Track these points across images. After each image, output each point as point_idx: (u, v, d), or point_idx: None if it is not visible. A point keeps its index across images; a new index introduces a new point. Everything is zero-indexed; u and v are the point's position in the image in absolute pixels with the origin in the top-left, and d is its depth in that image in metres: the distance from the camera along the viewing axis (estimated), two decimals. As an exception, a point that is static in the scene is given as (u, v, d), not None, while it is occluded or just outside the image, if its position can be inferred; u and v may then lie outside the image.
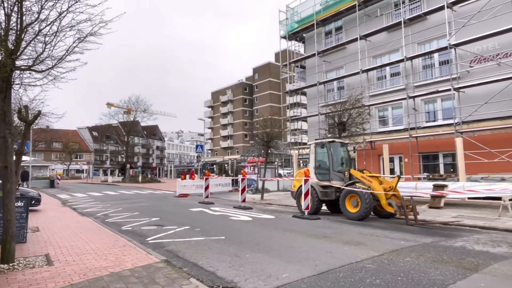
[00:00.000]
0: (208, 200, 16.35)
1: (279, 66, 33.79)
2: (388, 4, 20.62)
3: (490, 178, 13.29)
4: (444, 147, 17.21)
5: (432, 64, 18.77)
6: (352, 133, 17.35)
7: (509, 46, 15.15)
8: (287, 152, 30.78)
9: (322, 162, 12.18)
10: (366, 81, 20.71)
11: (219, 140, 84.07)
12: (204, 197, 16.54)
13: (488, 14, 15.34)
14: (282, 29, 26.44)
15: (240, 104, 79.72)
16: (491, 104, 15.01)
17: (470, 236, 7.81)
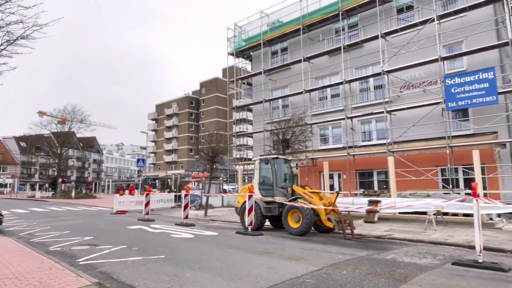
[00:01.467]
0: (148, 217, 15.63)
1: (226, 82, 34.07)
2: (330, 30, 22.01)
3: (417, 194, 14.49)
4: (378, 165, 18.47)
5: (368, 88, 20.28)
6: (295, 150, 17.93)
7: (433, 75, 16.93)
8: (233, 168, 30.78)
9: (266, 178, 12.36)
10: (309, 101, 21.67)
11: (162, 154, 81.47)
12: (144, 214, 15.79)
13: (415, 46, 17.07)
14: (230, 46, 26.82)
15: (185, 118, 78.45)
16: (418, 126, 16.52)
17: (400, 248, 8.39)
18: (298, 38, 22.34)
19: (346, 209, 12.13)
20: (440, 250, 8.23)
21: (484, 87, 14.10)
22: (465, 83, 14.59)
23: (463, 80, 14.66)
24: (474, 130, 15.76)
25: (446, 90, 15.18)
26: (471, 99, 14.45)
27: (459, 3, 16.95)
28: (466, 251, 8.05)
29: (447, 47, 17.10)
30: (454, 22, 16.56)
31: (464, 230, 10.85)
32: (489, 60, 15.49)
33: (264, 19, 24.40)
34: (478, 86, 14.23)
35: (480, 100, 14.27)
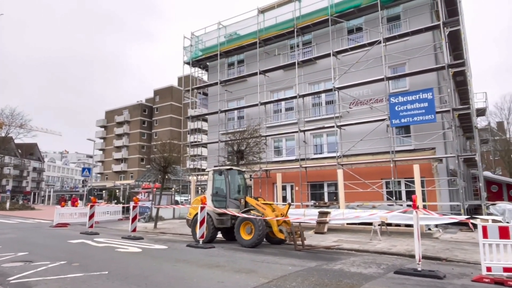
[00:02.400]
0: (92, 230, 14.68)
1: (181, 91, 33.53)
2: (285, 45, 22.68)
3: (364, 205, 15.18)
4: (328, 177, 19.11)
5: (320, 102, 21.07)
6: (249, 161, 18.02)
7: (379, 94, 18.03)
8: (186, 178, 30.12)
9: (219, 189, 12.23)
10: (264, 113, 22.00)
11: (111, 163, 77.59)
12: (88, 227, 14.82)
13: (364, 65, 18.13)
14: (186, 55, 26.53)
15: (137, 126, 75.72)
16: (365, 141, 17.44)
17: (348, 258, 8.67)
18: (254, 51, 22.71)
19: (297, 220, 12.35)
20: (384, 260, 8.62)
21: (424, 106, 15.30)
22: (407, 102, 15.73)
23: (406, 99, 15.81)
24: (415, 145, 16.96)
25: (391, 108, 16.25)
26: (413, 117, 15.59)
27: (403, 28, 18.35)
28: (407, 260, 8.52)
29: (392, 67, 18.36)
30: (398, 45, 17.87)
31: (406, 240, 11.51)
32: (428, 82, 16.87)
33: (221, 31, 24.53)
34: (419, 105, 15.41)
35: (420, 118, 15.45)
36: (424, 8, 17.84)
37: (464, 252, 9.34)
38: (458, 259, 8.52)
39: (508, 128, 45.54)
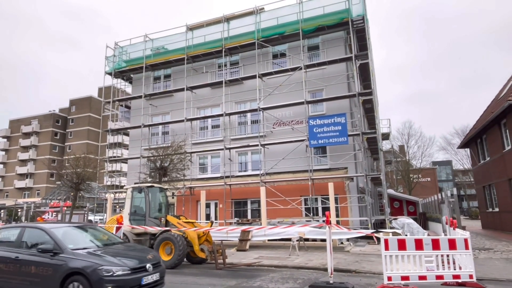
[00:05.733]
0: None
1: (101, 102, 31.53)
2: (213, 64, 22.98)
3: (284, 222, 15.79)
4: (252, 195, 19.50)
5: (246, 121, 21.64)
6: (172, 178, 17.54)
7: (300, 116, 19.21)
8: (102, 196, 27.98)
9: (138, 208, 11.65)
10: (190, 129, 21.77)
11: (13, 179, 68.44)
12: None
13: (286, 89, 19.24)
14: (108, 65, 25.16)
15: (48, 137, 68.48)
16: (286, 160, 18.32)
17: (267, 275, 8.89)
18: (182, 67, 22.55)
19: (219, 238, 12.31)
20: (301, 274, 9.05)
21: (338, 129, 16.76)
22: (324, 124, 17.07)
23: (323, 122, 17.15)
24: (330, 165, 18.34)
25: (310, 129, 17.44)
26: (328, 139, 16.94)
27: (321, 57, 20.02)
28: (322, 273, 9.05)
29: (311, 92, 19.80)
30: (317, 72, 19.40)
31: (321, 254, 12.22)
32: (342, 107, 18.56)
33: (148, 43, 23.91)
34: (334, 128, 16.83)
35: (335, 140, 16.85)
36: (339, 41, 19.77)
37: (371, 264, 10.26)
38: (366, 270, 9.33)
39: (407, 151, 51.93)
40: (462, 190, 65.47)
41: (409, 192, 46.14)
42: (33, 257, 6.30)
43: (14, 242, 6.81)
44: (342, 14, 18.57)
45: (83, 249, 6.38)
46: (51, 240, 6.41)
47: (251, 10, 21.37)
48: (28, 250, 6.52)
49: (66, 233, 6.88)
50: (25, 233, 6.84)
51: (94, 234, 7.55)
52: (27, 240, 6.74)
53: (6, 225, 7.73)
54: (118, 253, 6.51)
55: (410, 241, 7.29)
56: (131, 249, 7.18)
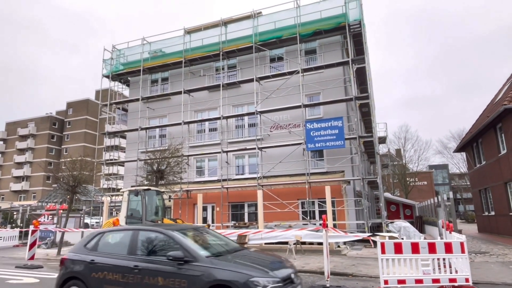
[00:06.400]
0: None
1: (98, 105, 31.45)
2: (210, 67, 23.02)
3: (281, 225, 15.77)
4: (249, 198, 19.48)
5: (243, 125, 21.66)
6: (169, 181, 17.50)
7: (297, 119, 19.26)
8: (98, 199, 27.86)
9: (135, 211, 11.64)
10: (187, 132, 21.76)
11: (9, 182, 68.06)
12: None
13: (284, 92, 19.30)
14: (105, 67, 25.15)
15: (45, 140, 68.21)
16: (284, 163, 18.34)
17: (263, 278, 8.86)
18: (179, 70, 22.58)
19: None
20: (297, 278, 9.03)
21: (335, 133, 16.81)
22: (321, 128, 17.12)
23: (320, 125, 17.19)
24: (327, 168, 18.37)
25: (307, 133, 17.49)
26: (325, 142, 16.98)
27: (318, 61, 20.11)
28: (319, 277, 9.05)
29: (309, 96, 19.87)
30: (314, 76, 19.47)
31: (318, 257, 12.21)
32: (339, 111, 18.63)
33: (145, 46, 23.94)
34: (331, 132, 16.88)
35: (332, 143, 16.90)
36: (336, 45, 19.88)
37: (368, 267, 10.27)
38: (362, 274, 9.34)
39: (404, 155, 52.16)
40: (458, 193, 65.75)
41: (405, 196, 46.27)
42: (158, 266, 5.36)
43: (126, 248, 5.81)
44: (339, 19, 18.69)
45: (216, 256, 5.44)
46: (179, 245, 5.47)
47: (248, 14, 21.46)
48: (148, 257, 5.56)
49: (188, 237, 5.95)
50: (139, 238, 5.88)
51: (212, 237, 6.58)
52: (144, 246, 5.80)
53: (110, 228, 6.83)
54: (258, 261, 5.53)
55: (406, 245, 7.32)
56: (262, 256, 6.17)
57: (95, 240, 6.25)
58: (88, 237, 6.42)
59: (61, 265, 6.28)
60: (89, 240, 6.34)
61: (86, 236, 6.41)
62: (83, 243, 6.32)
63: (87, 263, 5.89)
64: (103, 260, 5.81)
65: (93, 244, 6.20)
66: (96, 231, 6.50)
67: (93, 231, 6.75)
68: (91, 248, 6.15)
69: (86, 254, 6.06)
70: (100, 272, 5.69)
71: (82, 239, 6.43)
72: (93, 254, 5.99)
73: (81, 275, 5.85)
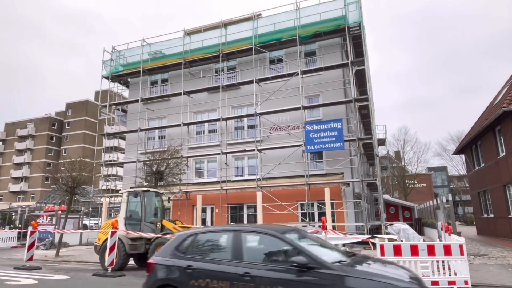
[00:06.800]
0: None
1: (98, 106, 31.43)
2: (210, 69, 23.04)
3: (280, 227, 15.76)
4: (248, 200, 19.46)
5: (243, 126, 21.67)
6: (168, 182, 17.48)
7: (297, 121, 19.27)
8: (97, 200, 27.83)
9: (134, 212, 11.61)
10: (187, 134, 21.76)
11: (7, 183, 67.97)
12: (-29, 257, 12.65)
13: (283, 94, 19.31)
14: (105, 69, 25.16)
15: (44, 141, 68.15)
16: (283, 165, 18.33)
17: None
18: (179, 71, 22.59)
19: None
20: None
21: (334, 135, 16.82)
22: (320, 130, 17.13)
23: (319, 127, 17.21)
24: (326, 170, 18.38)
25: (306, 134, 17.50)
26: (325, 144, 16.99)
27: (318, 63, 20.15)
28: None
29: (308, 98, 19.89)
30: (314, 78, 19.50)
31: (317, 260, 12.21)
32: (338, 113, 18.65)
33: (145, 48, 23.96)
34: (330, 134, 16.89)
35: (331, 145, 16.91)
36: (336, 47, 19.92)
37: (366, 269, 10.26)
38: (360, 276, 9.33)
39: (403, 157, 52.20)
40: (457, 196, 65.79)
41: (404, 198, 46.30)
42: (275, 273, 4.61)
43: (229, 252, 5.12)
44: (338, 21, 18.73)
45: (339, 263, 4.69)
46: (297, 249, 4.78)
47: (248, 16, 21.51)
48: (261, 263, 4.82)
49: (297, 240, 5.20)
50: (244, 240, 5.18)
51: (315, 240, 5.70)
52: (252, 250, 5.17)
53: (203, 229, 6.06)
54: (391, 269, 4.77)
55: (405, 247, 7.33)
56: (386, 263, 5.31)
57: (187, 243, 5.52)
58: (178, 239, 5.65)
59: (150, 271, 5.50)
60: (180, 242, 5.56)
61: (175, 239, 5.71)
62: (173, 245, 5.58)
63: (183, 269, 5.13)
64: (203, 266, 5.04)
65: (186, 247, 5.46)
66: (187, 232, 5.77)
67: (182, 232, 5.84)
68: (183, 251, 5.41)
69: (179, 258, 5.30)
70: (201, 279, 4.94)
71: (171, 241, 5.72)
72: (188, 259, 5.23)
73: (177, 283, 5.11)
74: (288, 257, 4.72)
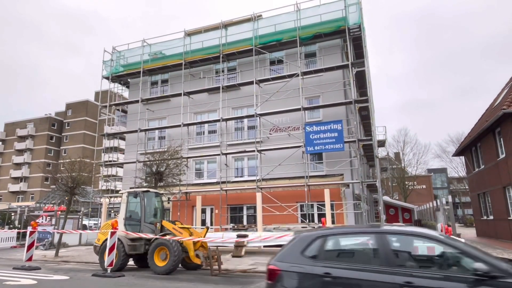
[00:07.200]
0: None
1: (98, 106, 31.43)
2: (210, 69, 23.06)
3: (280, 228, 15.76)
4: (248, 200, 19.46)
5: (242, 127, 21.67)
6: (168, 183, 17.47)
7: (297, 122, 19.28)
8: (97, 200, 27.82)
9: (133, 212, 11.60)
10: (187, 134, 21.76)
11: (7, 183, 67.91)
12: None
13: (283, 95, 19.32)
14: (105, 69, 25.17)
15: (44, 141, 68.11)
16: (283, 166, 18.34)
17: (262, 281, 8.82)
18: (179, 72, 22.60)
19: (215, 243, 12.26)
20: (295, 281, 9.01)
21: (334, 136, 16.83)
22: (320, 131, 17.14)
23: (319, 128, 17.22)
24: (326, 171, 18.38)
25: (306, 136, 17.51)
26: (325, 145, 17.00)
27: (318, 64, 20.16)
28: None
29: (308, 99, 19.90)
30: (314, 79, 19.52)
31: (316, 261, 12.20)
32: (338, 114, 18.65)
33: (146, 48, 23.97)
34: (330, 135, 16.90)
35: (331, 146, 16.91)
36: (336, 49, 19.94)
37: (365, 270, 10.25)
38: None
39: (403, 158, 52.18)
40: (457, 197, 65.78)
41: (404, 199, 46.28)
42: (443, 283, 4.01)
43: (377, 258, 4.43)
44: (339, 22, 18.75)
45: None
46: (464, 254, 4.18)
47: (249, 17, 21.53)
48: (424, 271, 4.18)
49: None
50: (390, 243, 4.44)
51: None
52: (407, 255, 4.52)
53: (334, 230, 5.26)
54: None
55: (405, 248, 7.31)
56: None
57: (316, 246, 4.73)
58: (303, 241, 4.85)
59: (272, 279, 4.65)
60: (305, 245, 4.77)
61: (297, 241, 4.90)
62: (297, 249, 4.77)
63: (320, 276, 4.41)
64: (346, 274, 4.31)
65: (316, 251, 4.68)
66: (313, 234, 4.94)
67: (306, 234, 5.01)
68: (313, 256, 4.64)
69: (311, 264, 4.55)
70: None
71: (292, 244, 4.90)
72: (322, 265, 4.49)
73: None
74: (457, 263, 4.16)
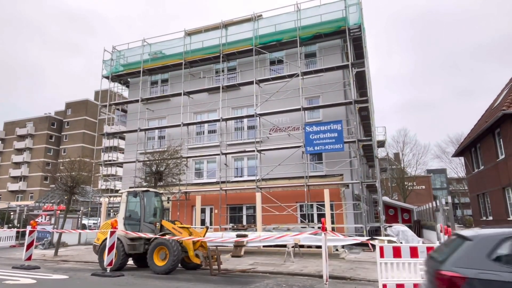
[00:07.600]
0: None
1: (98, 105, 31.40)
2: (210, 69, 23.05)
3: (279, 228, 15.75)
4: (247, 200, 19.45)
5: (242, 127, 21.67)
6: (168, 183, 17.46)
7: (296, 122, 19.28)
8: (96, 200, 27.79)
9: (133, 212, 11.58)
10: (186, 134, 21.75)
11: (6, 182, 67.79)
12: (-31, 256, 12.61)
13: (283, 95, 19.32)
14: (105, 68, 25.16)
15: (43, 140, 68.01)
16: (282, 166, 18.34)
17: (262, 281, 8.85)
18: (179, 71, 22.59)
19: (215, 242, 12.26)
20: (296, 281, 9.02)
21: (334, 136, 16.83)
22: (320, 131, 17.14)
23: (319, 129, 17.22)
24: (326, 172, 18.38)
25: (306, 136, 17.50)
26: (324, 145, 17.00)
27: (318, 65, 20.16)
28: (317, 280, 9.03)
29: (308, 99, 19.90)
30: (314, 79, 19.52)
31: (316, 261, 12.19)
32: (338, 114, 18.66)
33: (146, 48, 23.96)
34: (330, 135, 16.91)
35: (331, 146, 16.92)
36: (336, 49, 19.94)
37: (366, 271, 10.26)
38: (360, 278, 9.33)
39: (402, 159, 52.19)
40: (456, 198, 65.84)
41: (404, 200, 46.28)
42: None
43: None
44: (339, 23, 18.76)
45: None
46: None
47: (249, 17, 21.53)
48: None
49: None
50: None
51: None
52: None
53: None
54: None
55: (405, 249, 7.32)
56: None
57: (506, 248, 3.99)
58: (488, 243, 4.08)
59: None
60: (492, 248, 4.01)
61: (480, 243, 4.12)
62: (481, 252, 4.03)
63: None
64: None
65: (506, 254, 3.96)
66: (498, 235, 4.16)
67: (489, 235, 4.25)
68: (506, 261, 3.90)
69: (506, 271, 3.79)
70: None
71: (473, 247, 4.12)
72: None
73: None
74: None
